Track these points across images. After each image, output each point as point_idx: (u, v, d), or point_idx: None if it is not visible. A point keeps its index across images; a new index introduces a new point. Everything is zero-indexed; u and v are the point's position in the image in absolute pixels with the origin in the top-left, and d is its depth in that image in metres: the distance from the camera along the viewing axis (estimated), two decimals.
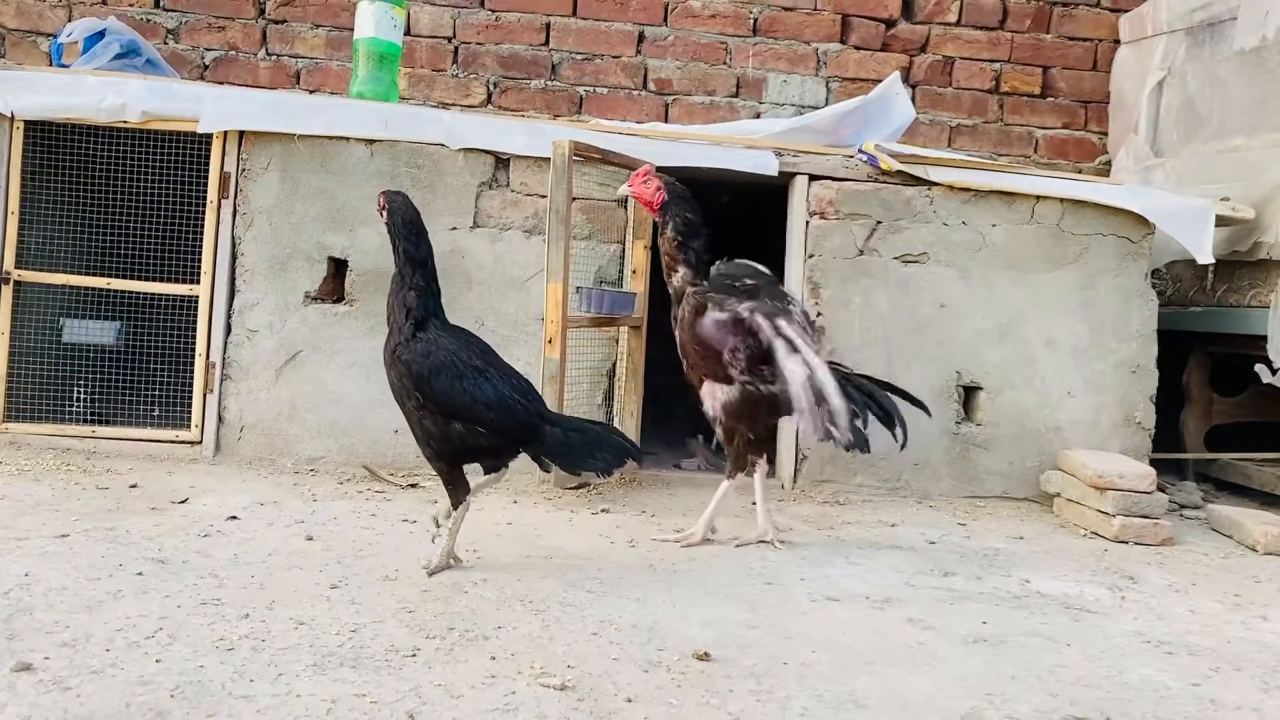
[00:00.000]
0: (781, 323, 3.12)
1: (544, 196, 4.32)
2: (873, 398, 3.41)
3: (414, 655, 2.26)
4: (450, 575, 2.88)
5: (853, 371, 3.51)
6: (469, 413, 2.83)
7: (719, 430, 3.44)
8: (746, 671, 2.31)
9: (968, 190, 4.49)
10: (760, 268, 3.49)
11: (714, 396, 3.32)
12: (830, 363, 3.23)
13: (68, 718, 1.84)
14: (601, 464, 2.92)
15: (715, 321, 3.20)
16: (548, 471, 3.04)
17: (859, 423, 3.24)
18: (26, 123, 4.17)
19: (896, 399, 3.49)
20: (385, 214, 3.03)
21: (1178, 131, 5.50)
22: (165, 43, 5.91)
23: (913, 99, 5.45)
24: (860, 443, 3.23)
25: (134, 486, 3.68)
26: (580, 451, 2.90)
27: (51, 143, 4.23)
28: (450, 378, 2.83)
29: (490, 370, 2.90)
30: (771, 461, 3.38)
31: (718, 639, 2.51)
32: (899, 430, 3.44)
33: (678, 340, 3.42)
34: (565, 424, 2.96)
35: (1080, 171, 6.18)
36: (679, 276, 3.31)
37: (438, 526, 2.99)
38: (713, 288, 3.30)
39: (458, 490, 2.94)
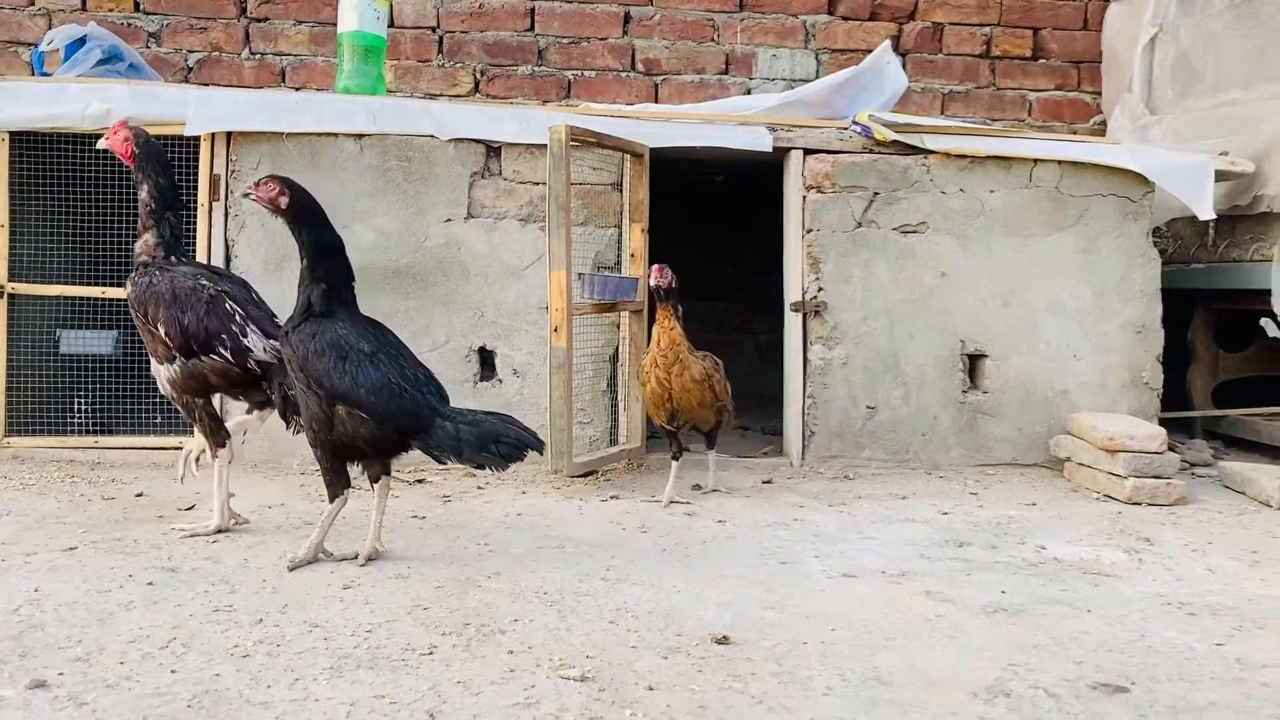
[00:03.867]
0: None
1: (537, 184, 4.28)
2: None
3: (431, 653, 2.24)
4: (464, 569, 2.86)
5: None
6: (349, 396, 2.81)
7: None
8: (767, 653, 2.29)
9: (964, 157, 4.45)
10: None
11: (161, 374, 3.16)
12: None
13: None
14: (497, 457, 2.82)
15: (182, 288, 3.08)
16: (443, 464, 3.01)
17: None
18: (11, 134, 4.12)
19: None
20: (285, 199, 2.90)
21: (1173, 88, 5.45)
22: (147, 46, 5.84)
23: (903, 67, 5.38)
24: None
25: (140, 495, 3.65)
26: (472, 445, 2.81)
27: (38, 153, 4.18)
28: (333, 359, 2.81)
29: (380, 356, 2.86)
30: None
31: (736, 622, 2.49)
32: None
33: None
34: (458, 418, 2.86)
35: (1075, 133, 6.13)
36: (141, 243, 3.15)
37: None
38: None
39: (337, 482, 2.95)
